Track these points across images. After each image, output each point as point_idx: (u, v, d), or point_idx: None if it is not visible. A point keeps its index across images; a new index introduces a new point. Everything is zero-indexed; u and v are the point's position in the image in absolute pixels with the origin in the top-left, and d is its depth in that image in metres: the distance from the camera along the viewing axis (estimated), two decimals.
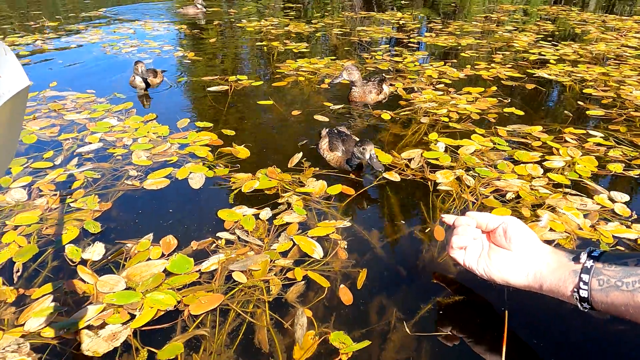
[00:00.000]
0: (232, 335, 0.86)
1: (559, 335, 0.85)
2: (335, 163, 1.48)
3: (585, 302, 0.69)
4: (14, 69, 0.41)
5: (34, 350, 0.81)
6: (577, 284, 0.69)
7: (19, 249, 1.08)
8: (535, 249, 0.79)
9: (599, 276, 0.68)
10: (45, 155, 1.55)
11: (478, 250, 0.86)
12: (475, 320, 0.88)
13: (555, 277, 0.73)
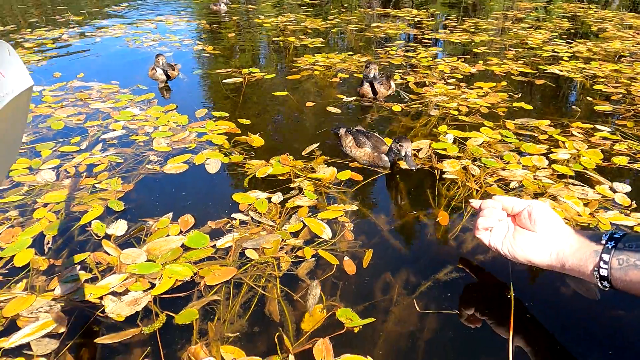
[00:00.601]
0: (245, 306, 0.91)
1: (565, 315, 0.88)
2: (367, 159, 1.46)
3: (605, 280, 0.71)
4: (17, 70, 0.42)
5: (64, 313, 0.88)
6: (598, 263, 0.71)
7: (49, 223, 1.15)
8: (558, 231, 0.80)
9: (619, 255, 0.70)
10: (72, 140, 1.63)
11: (503, 232, 0.88)
12: (481, 298, 0.92)
13: (577, 256, 0.75)
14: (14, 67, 0.42)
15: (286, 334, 0.84)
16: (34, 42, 3.27)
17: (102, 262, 1.02)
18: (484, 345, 0.82)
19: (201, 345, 0.81)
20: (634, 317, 0.87)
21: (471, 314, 0.88)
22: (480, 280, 0.98)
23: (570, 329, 0.85)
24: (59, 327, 0.84)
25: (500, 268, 0.98)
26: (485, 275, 0.99)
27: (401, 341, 0.82)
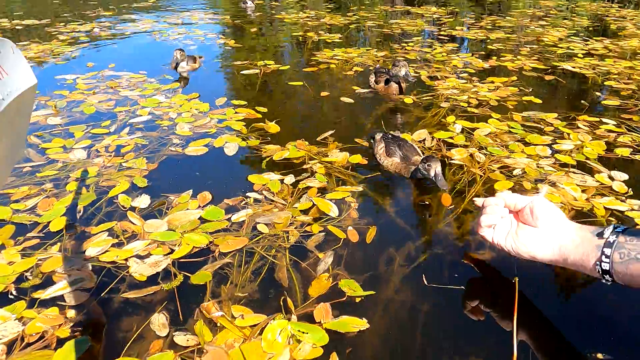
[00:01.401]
0: (256, 273, 0.98)
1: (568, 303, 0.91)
2: (393, 169, 1.39)
3: (607, 274, 0.71)
4: (22, 68, 0.42)
5: (94, 272, 0.97)
6: (600, 257, 0.71)
7: (80, 195, 1.24)
8: (561, 226, 0.80)
9: (620, 250, 0.70)
10: (102, 124, 1.73)
11: (506, 228, 0.88)
12: (483, 275, 0.98)
13: (579, 251, 0.75)
14: (17, 65, 0.41)
15: (292, 297, 0.91)
16: (67, 34, 3.41)
17: (127, 230, 1.10)
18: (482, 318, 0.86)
19: (213, 303, 0.88)
20: None
21: (471, 289, 0.92)
22: (482, 258, 1.03)
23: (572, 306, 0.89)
24: (89, 283, 0.93)
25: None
26: (487, 253, 1.04)
27: (399, 310, 0.88)
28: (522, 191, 1.26)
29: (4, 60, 0.40)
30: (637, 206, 1.18)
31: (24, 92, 0.41)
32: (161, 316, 0.85)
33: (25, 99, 0.42)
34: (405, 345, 0.80)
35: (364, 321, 0.84)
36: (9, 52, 0.40)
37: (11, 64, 0.40)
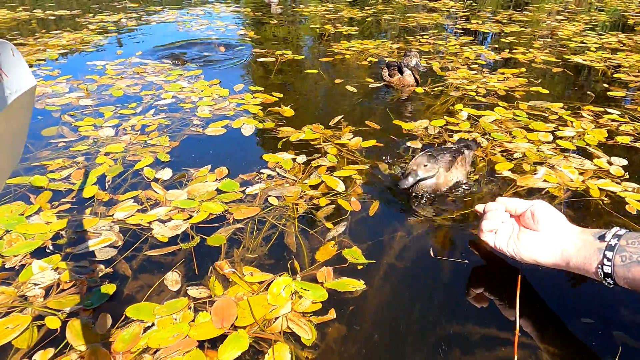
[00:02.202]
0: (266, 239, 1.05)
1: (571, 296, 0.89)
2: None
3: (609, 277, 0.70)
4: (21, 69, 0.41)
5: (121, 232, 1.06)
6: (601, 260, 0.70)
7: (109, 167, 1.34)
8: (562, 230, 0.79)
9: (622, 253, 0.69)
10: (129, 105, 1.83)
11: (508, 233, 0.87)
12: (482, 249, 1.04)
13: (581, 254, 0.74)
14: (17, 67, 0.41)
15: (299, 261, 0.98)
16: (96, 24, 3.53)
17: (151, 198, 1.19)
18: (482, 291, 0.92)
19: (226, 262, 0.96)
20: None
21: (474, 266, 0.96)
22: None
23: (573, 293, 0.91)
24: (117, 242, 1.02)
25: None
26: None
27: (397, 276, 0.94)
28: (521, 174, 1.30)
29: (3, 62, 0.40)
30: (632, 189, 1.22)
31: (23, 93, 0.41)
32: (174, 274, 0.93)
33: (25, 101, 0.42)
34: (400, 305, 0.86)
35: (361, 282, 0.91)
36: (8, 54, 0.40)
37: (11, 66, 0.40)
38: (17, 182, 1.27)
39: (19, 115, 0.42)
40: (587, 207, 1.15)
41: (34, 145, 1.50)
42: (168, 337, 0.77)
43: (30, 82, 0.42)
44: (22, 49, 2.78)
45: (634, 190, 1.21)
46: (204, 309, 0.84)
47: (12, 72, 0.40)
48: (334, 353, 0.75)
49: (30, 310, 0.83)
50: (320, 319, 0.82)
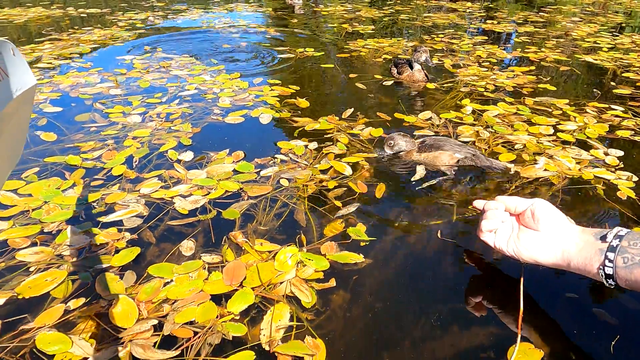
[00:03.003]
0: (278, 215, 1.13)
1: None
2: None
3: (610, 278, 0.69)
4: (21, 69, 0.40)
5: (146, 205, 1.15)
6: (603, 261, 0.69)
7: (136, 150, 1.44)
8: (562, 229, 0.78)
9: (623, 254, 0.68)
10: (155, 95, 1.94)
11: (507, 233, 0.85)
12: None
13: (582, 255, 0.73)
14: (17, 66, 0.40)
15: (306, 235, 1.06)
16: (125, 22, 3.67)
17: (173, 176, 1.28)
18: (482, 274, 0.99)
19: (240, 232, 1.04)
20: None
21: (475, 245, 1.01)
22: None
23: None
24: (142, 213, 1.11)
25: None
26: None
27: (400, 253, 1.01)
28: (521, 164, 1.35)
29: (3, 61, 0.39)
30: (625, 177, 1.26)
31: (23, 92, 0.40)
32: (190, 242, 1.01)
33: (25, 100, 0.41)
34: (400, 279, 0.93)
35: (360, 256, 0.97)
36: (8, 53, 0.39)
37: (11, 65, 0.39)
38: (53, 160, 1.38)
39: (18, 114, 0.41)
40: (583, 194, 1.20)
41: (68, 129, 1.61)
42: (184, 291, 0.85)
43: (31, 81, 0.41)
44: (57, 43, 2.93)
45: (627, 179, 1.25)
46: (217, 270, 0.92)
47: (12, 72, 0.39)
48: (331, 316, 0.82)
49: (65, 266, 0.92)
50: (321, 286, 0.89)
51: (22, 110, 0.42)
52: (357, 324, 0.80)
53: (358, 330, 0.79)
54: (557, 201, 1.16)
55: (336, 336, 0.77)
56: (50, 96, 1.94)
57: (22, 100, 0.41)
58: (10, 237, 1.01)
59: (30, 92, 0.42)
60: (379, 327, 0.79)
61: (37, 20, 3.87)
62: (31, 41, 3.01)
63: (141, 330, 0.77)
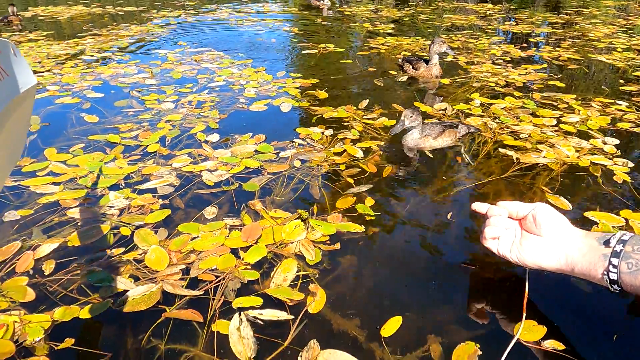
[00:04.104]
0: (294, 189, 1.24)
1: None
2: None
3: (615, 284, 0.68)
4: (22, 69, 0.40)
5: (178, 177, 1.27)
6: (607, 267, 0.68)
7: (169, 131, 1.57)
8: (565, 234, 0.76)
9: (627, 260, 0.67)
10: (187, 85, 2.07)
11: (511, 239, 0.83)
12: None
13: (586, 260, 0.71)
14: (18, 66, 0.40)
15: (318, 207, 1.16)
16: (159, 19, 3.85)
17: (202, 154, 1.41)
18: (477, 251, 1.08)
19: (258, 201, 1.15)
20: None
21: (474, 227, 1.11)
22: (485, 195, 1.23)
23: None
24: (174, 182, 1.24)
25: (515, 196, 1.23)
26: (494, 191, 1.24)
27: (400, 228, 1.10)
28: (524, 152, 1.42)
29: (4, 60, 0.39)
30: (621, 163, 1.32)
31: (24, 92, 0.40)
32: (213, 208, 1.13)
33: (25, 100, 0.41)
34: (402, 249, 1.02)
35: (361, 227, 1.06)
36: (9, 53, 0.39)
37: (11, 65, 0.39)
38: (96, 138, 1.52)
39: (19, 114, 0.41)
40: (581, 178, 1.26)
41: (108, 113, 1.76)
42: (209, 245, 0.97)
43: (31, 80, 0.41)
44: (97, 38, 3.11)
45: (622, 165, 1.31)
46: (237, 230, 1.03)
47: (13, 71, 0.39)
48: (331, 271, 0.92)
49: (108, 222, 1.05)
50: (327, 247, 0.99)
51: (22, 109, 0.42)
52: (355, 279, 0.90)
53: (355, 284, 0.89)
54: (556, 185, 1.22)
55: (335, 287, 0.87)
56: (92, 84, 2.11)
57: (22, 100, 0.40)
58: (62, 199, 1.15)
59: (30, 91, 0.41)
60: (375, 283, 0.89)
61: (78, 17, 4.10)
62: (75, 36, 3.21)
63: (171, 272, 0.88)
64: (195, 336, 0.76)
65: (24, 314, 0.79)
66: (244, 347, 0.73)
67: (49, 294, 0.84)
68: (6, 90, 0.38)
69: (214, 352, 0.73)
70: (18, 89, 0.40)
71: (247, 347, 0.73)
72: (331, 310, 0.81)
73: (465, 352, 0.72)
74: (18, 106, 0.40)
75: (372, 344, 0.75)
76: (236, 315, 0.79)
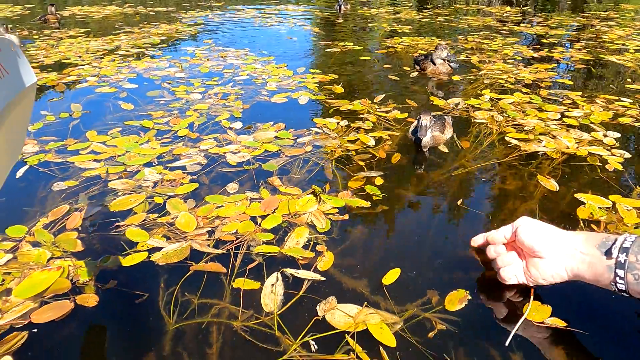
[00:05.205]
0: (309, 170, 1.34)
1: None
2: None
3: (624, 292, 0.69)
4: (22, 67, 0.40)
5: (204, 156, 1.39)
6: (614, 278, 0.68)
7: (197, 118, 1.69)
8: (562, 248, 0.75)
9: (633, 271, 0.66)
10: (213, 79, 2.20)
11: (520, 268, 0.82)
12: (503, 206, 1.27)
13: (592, 271, 0.71)
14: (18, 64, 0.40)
15: (331, 185, 1.26)
16: (188, 18, 4.01)
17: (226, 139, 1.52)
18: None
19: (276, 178, 1.26)
20: None
21: (486, 212, 1.21)
22: (486, 180, 1.31)
23: None
24: (201, 162, 1.35)
25: (518, 183, 1.31)
26: (501, 177, 1.32)
27: (404, 204, 1.19)
28: (527, 142, 1.49)
29: (4, 58, 0.38)
30: (618, 154, 1.38)
31: (24, 90, 0.40)
32: (235, 184, 1.23)
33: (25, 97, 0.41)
34: (405, 225, 1.12)
35: (367, 203, 1.15)
36: (9, 51, 0.39)
37: (12, 63, 0.39)
38: (131, 123, 1.65)
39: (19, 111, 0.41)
40: (580, 167, 1.33)
41: (142, 101, 1.89)
42: (231, 213, 1.08)
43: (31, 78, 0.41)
44: (131, 35, 3.28)
45: (619, 155, 1.37)
46: (256, 202, 1.14)
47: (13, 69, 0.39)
48: (339, 237, 1.02)
49: (143, 193, 1.17)
50: (336, 218, 1.08)
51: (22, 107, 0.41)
52: (360, 244, 0.99)
53: (360, 247, 0.98)
54: (558, 174, 1.29)
55: (342, 250, 0.97)
56: (128, 76, 2.25)
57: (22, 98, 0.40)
58: (102, 173, 1.28)
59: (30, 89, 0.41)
60: (378, 248, 0.98)
61: (112, 17, 4.29)
62: (109, 33, 3.38)
63: (199, 234, 0.99)
64: (219, 285, 0.86)
65: (75, 260, 0.91)
66: (272, 301, 0.83)
67: (95, 247, 0.96)
68: (7, 88, 0.38)
69: (239, 303, 0.83)
70: (18, 86, 0.40)
71: (274, 302, 0.83)
72: (338, 269, 0.91)
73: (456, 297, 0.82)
74: (18, 104, 0.40)
75: (376, 296, 0.84)
76: (274, 273, 0.89)
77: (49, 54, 2.75)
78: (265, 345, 0.73)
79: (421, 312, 0.80)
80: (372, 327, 0.76)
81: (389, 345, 0.73)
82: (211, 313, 0.80)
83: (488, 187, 1.24)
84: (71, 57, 2.64)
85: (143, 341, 0.75)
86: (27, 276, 0.85)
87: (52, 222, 1.05)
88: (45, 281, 0.83)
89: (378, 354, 0.72)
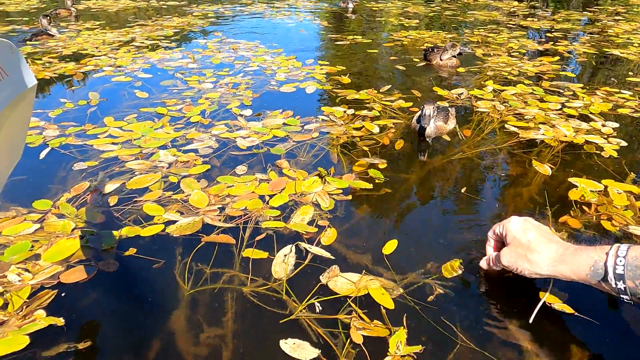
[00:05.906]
0: (315, 155, 1.39)
1: None
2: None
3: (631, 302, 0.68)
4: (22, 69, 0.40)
5: (216, 141, 1.44)
6: (619, 295, 0.67)
7: (208, 106, 1.75)
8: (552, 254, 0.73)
9: (637, 295, 0.66)
10: (224, 69, 2.25)
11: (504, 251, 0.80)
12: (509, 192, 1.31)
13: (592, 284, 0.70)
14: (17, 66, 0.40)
15: (336, 169, 1.31)
16: (199, 12, 4.06)
17: (237, 125, 1.57)
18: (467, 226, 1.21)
19: (284, 160, 1.31)
20: None
21: (489, 200, 1.25)
22: (486, 166, 1.35)
23: None
24: (213, 146, 1.41)
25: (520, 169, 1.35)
26: (501, 162, 1.36)
27: (404, 187, 1.24)
28: (526, 130, 1.52)
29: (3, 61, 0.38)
30: (615, 142, 1.41)
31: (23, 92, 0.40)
32: (244, 167, 1.29)
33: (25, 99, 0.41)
34: (408, 205, 1.16)
35: (370, 185, 1.20)
36: (8, 53, 0.39)
37: (11, 65, 0.39)
38: (146, 110, 1.71)
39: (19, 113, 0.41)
40: (577, 154, 1.37)
41: (156, 90, 1.95)
42: (241, 191, 1.13)
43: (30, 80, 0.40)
44: (145, 28, 3.34)
45: (617, 144, 1.40)
46: (264, 182, 1.19)
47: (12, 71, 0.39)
48: (342, 216, 1.07)
49: (159, 173, 1.23)
50: (340, 198, 1.14)
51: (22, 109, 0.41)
52: (362, 221, 1.04)
53: (362, 224, 1.03)
54: (557, 161, 1.32)
55: (345, 226, 1.02)
56: (142, 66, 2.31)
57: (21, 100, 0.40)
58: (120, 155, 1.34)
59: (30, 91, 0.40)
60: (379, 225, 1.03)
61: (125, 10, 4.35)
62: (124, 26, 3.45)
63: (210, 209, 1.05)
64: (229, 255, 0.92)
65: (97, 230, 0.98)
66: (282, 269, 0.89)
67: (115, 219, 1.03)
68: (6, 90, 0.38)
69: (248, 271, 0.89)
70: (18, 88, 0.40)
71: (284, 270, 0.89)
72: (341, 243, 0.96)
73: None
74: (18, 106, 0.40)
75: (376, 266, 0.89)
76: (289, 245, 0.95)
77: (67, 45, 2.82)
78: (273, 309, 0.79)
79: (421, 278, 0.85)
80: (372, 291, 0.82)
81: (389, 307, 0.79)
82: (222, 279, 0.86)
83: (487, 172, 1.28)
84: (88, 48, 2.71)
85: (162, 306, 0.81)
86: (53, 243, 0.92)
87: (74, 197, 1.12)
88: (71, 248, 0.90)
89: (379, 315, 0.77)
